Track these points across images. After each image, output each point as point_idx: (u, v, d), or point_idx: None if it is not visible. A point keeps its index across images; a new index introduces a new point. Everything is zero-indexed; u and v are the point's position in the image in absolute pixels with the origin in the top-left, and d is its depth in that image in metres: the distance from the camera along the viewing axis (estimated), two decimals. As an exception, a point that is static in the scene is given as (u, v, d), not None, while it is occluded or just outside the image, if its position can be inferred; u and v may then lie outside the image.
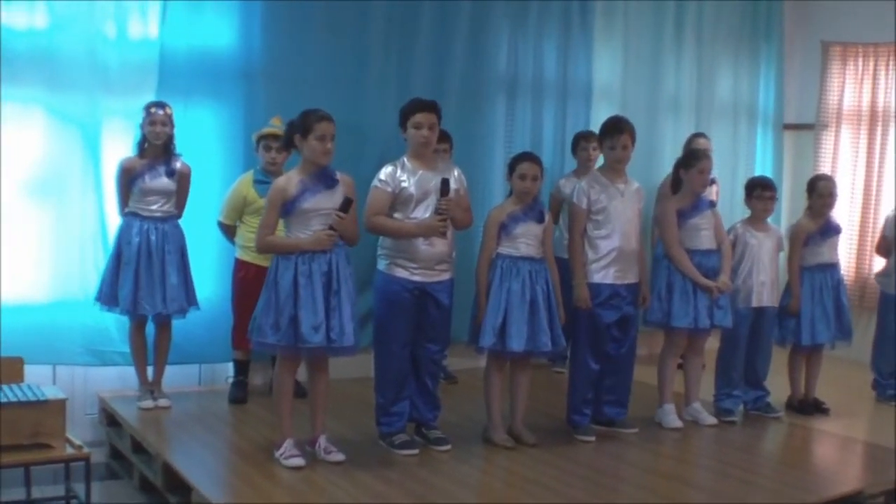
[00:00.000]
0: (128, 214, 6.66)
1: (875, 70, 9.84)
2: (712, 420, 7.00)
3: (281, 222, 5.72)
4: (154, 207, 6.64)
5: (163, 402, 6.82)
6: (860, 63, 9.97)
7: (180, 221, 6.82)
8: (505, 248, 6.19)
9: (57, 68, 6.74)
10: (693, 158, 6.95)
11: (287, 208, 5.60)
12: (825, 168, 9.93)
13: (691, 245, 6.85)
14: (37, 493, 6.00)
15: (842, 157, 10.07)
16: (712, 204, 7.07)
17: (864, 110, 9.94)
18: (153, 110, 6.58)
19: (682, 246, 6.83)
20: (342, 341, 5.59)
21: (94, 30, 6.85)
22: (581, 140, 8.16)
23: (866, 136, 9.89)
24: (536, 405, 6.99)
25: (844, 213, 9.76)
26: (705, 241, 6.89)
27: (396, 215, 5.95)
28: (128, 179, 6.62)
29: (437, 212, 5.87)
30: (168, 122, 6.62)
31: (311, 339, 5.51)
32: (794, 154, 10.52)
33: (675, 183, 7.00)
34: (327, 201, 5.61)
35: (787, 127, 10.47)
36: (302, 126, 5.62)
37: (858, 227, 9.85)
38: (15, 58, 6.58)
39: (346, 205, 5.61)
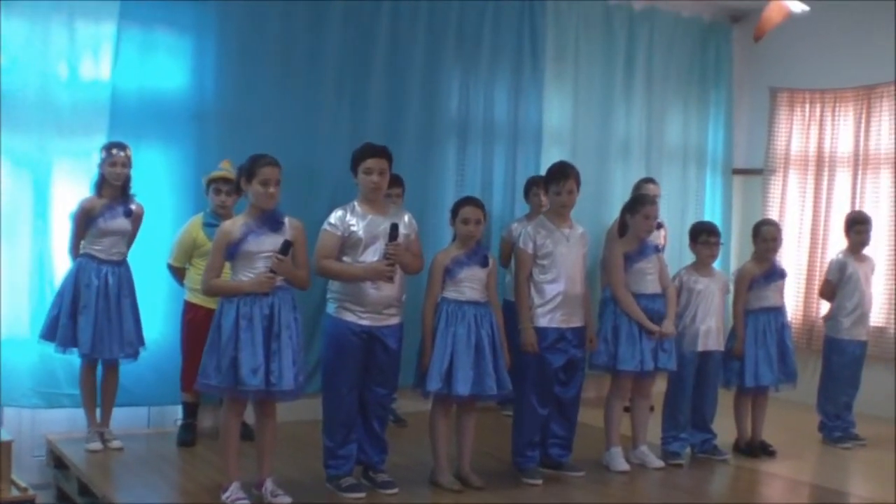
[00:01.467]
0: (83, 256, 6.65)
1: (822, 115, 9.99)
2: (659, 463, 7.04)
3: (228, 265, 5.74)
4: (110, 248, 6.64)
5: (115, 443, 6.80)
6: (807, 109, 10.13)
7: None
8: (450, 293, 6.22)
9: (8, 108, 6.73)
10: (638, 203, 7.04)
11: (231, 251, 5.62)
12: (773, 212, 10.06)
13: (637, 289, 6.91)
14: (-19, 535, 5.97)
15: (789, 202, 10.21)
16: (657, 248, 7.14)
17: (811, 155, 10.09)
18: (114, 151, 6.60)
19: (629, 289, 6.90)
20: (281, 385, 5.59)
21: (47, 70, 6.88)
22: (533, 185, 8.20)
23: (813, 180, 10.03)
24: (484, 448, 7.01)
25: (792, 256, 9.90)
26: (650, 285, 6.96)
27: (345, 258, 5.97)
28: (86, 220, 6.62)
29: (384, 256, 5.90)
30: (128, 163, 6.65)
31: (249, 381, 5.51)
32: (743, 198, 10.66)
33: (622, 227, 7.09)
34: (272, 244, 5.63)
35: (736, 171, 10.60)
36: (247, 170, 5.67)
37: (806, 270, 9.97)
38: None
39: (285, 247, 5.63)
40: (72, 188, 6.85)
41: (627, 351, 6.83)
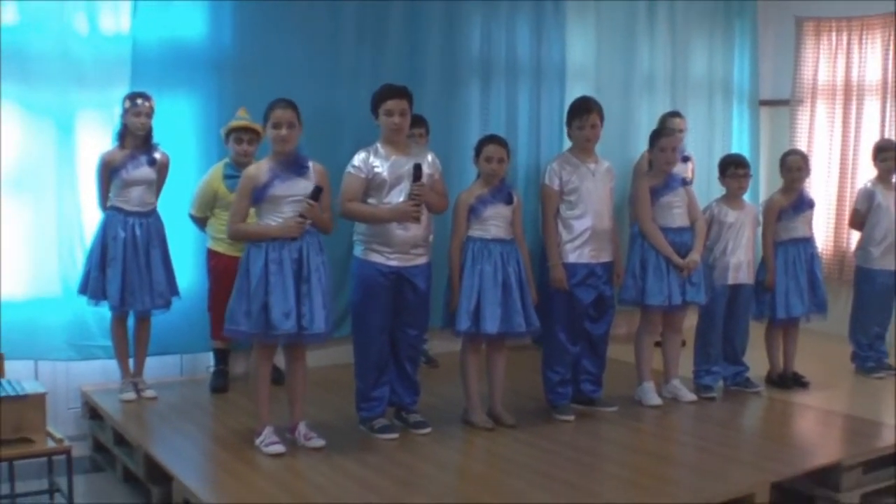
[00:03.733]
0: (110, 209, 6.67)
1: (849, 44, 9.87)
2: (692, 396, 7.04)
3: (252, 211, 5.75)
4: (136, 199, 6.65)
5: (148, 393, 6.86)
6: (834, 38, 10.01)
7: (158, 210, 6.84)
8: (475, 231, 6.21)
9: (29, 64, 6.71)
10: (656, 137, 7.02)
11: (257, 195, 5.63)
12: (801, 143, 9.98)
13: (664, 223, 6.89)
14: (21, 487, 6.00)
15: (817, 132, 10.11)
16: (685, 181, 7.09)
17: (838, 85, 9.97)
18: (139, 101, 6.59)
19: (656, 223, 6.87)
20: (312, 328, 5.62)
21: (65, 26, 6.83)
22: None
23: (841, 110, 9.92)
24: (517, 386, 7.05)
25: (821, 187, 9.85)
26: (678, 218, 6.93)
27: (371, 201, 5.97)
28: (108, 172, 6.63)
29: (410, 197, 5.89)
30: (151, 113, 6.64)
31: (281, 325, 5.54)
32: (771, 130, 10.57)
33: (651, 161, 7.05)
34: (298, 188, 5.64)
35: (763, 103, 10.51)
36: (264, 115, 5.70)
37: (835, 201, 9.90)
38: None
39: (316, 193, 5.64)
40: (97, 140, 6.82)
41: (655, 285, 6.82)
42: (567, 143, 8.11)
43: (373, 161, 5.95)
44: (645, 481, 5.46)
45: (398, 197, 5.94)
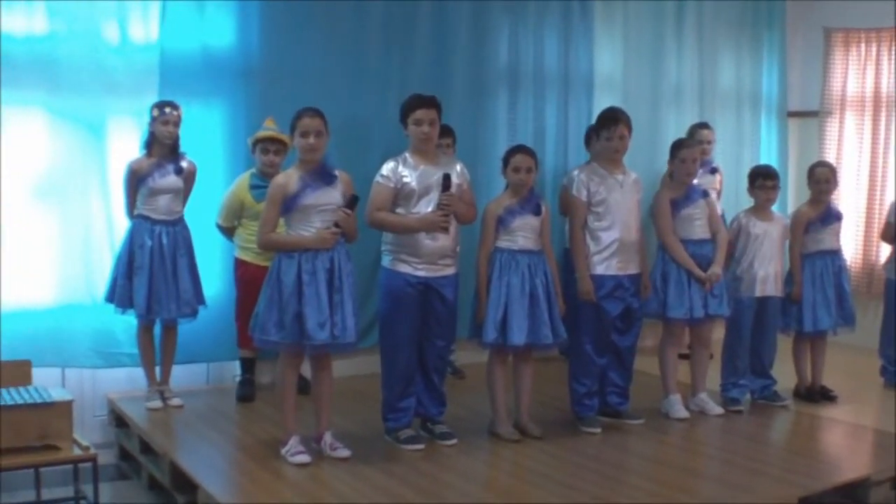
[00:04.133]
0: (137, 217, 6.70)
1: (878, 55, 9.83)
2: (719, 410, 7.01)
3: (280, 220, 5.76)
4: (163, 207, 6.67)
5: (175, 401, 6.87)
6: (863, 49, 9.96)
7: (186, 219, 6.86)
8: (503, 242, 6.20)
9: (59, 72, 6.74)
10: (676, 148, 6.98)
11: (288, 205, 5.63)
12: (830, 155, 9.93)
13: (685, 235, 6.87)
14: (46, 494, 6.04)
15: (846, 144, 10.06)
16: (705, 193, 7.06)
17: (867, 96, 9.93)
18: (167, 110, 6.62)
19: (677, 235, 6.85)
20: (345, 337, 5.63)
21: (94, 34, 6.86)
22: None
23: (871, 122, 9.88)
24: (543, 398, 7.03)
25: (850, 199, 9.81)
26: (699, 230, 6.91)
27: (399, 210, 5.97)
28: (136, 180, 6.66)
29: (438, 207, 5.89)
30: (179, 122, 6.68)
31: (316, 336, 5.54)
32: (799, 141, 10.53)
33: (671, 172, 7.04)
34: (327, 197, 5.65)
35: (792, 114, 10.47)
36: (292, 124, 5.71)
37: (865, 213, 9.85)
38: (15, 63, 6.57)
39: (352, 202, 5.67)
40: (127, 148, 6.85)
41: (676, 298, 6.80)
42: (575, 155, 8.23)
43: (402, 171, 5.95)
44: (671, 494, 5.44)
45: (426, 207, 5.94)
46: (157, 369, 6.92)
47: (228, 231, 7.13)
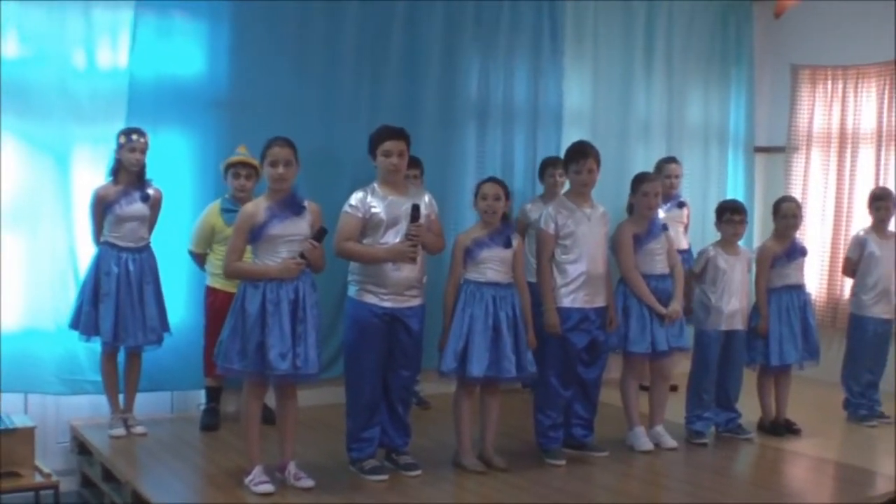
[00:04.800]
0: (104, 244, 6.67)
1: (844, 92, 9.90)
2: (673, 443, 7.01)
3: (248, 248, 5.74)
4: (130, 235, 6.64)
5: (139, 429, 6.83)
6: (829, 86, 10.03)
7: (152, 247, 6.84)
8: (471, 274, 6.20)
9: (27, 98, 6.74)
10: (637, 182, 7.00)
11: (255, 234, 5.63)
12: (796, 190, 9.99)
13: (646, 270, 6.89)
14: (7, 521, 6.01)
15: (812, 179, 10.13)
16: (665, 227, 7.09)
17: (833, 133, 9.99)
18: (134, 137, 6.60)
19: (638, 271, 6.88)
20: (307, 368, 5.62)
21: (64, 60, 6.86)
22: (548, 167, 8.20)
23: (836, 158, 9.94)
24: (508, 429, 7.02)
25: (816, 234, 9.87)
26: (659, 265, 6.94)
27: (366, 241, 5.97)
28: (103, 207, 6.64)
29: (406, 237, 5.89)
30: (145, 149, 6.66)
31: (278, 366, 5.53)
32: (766, 176, 10.60)
33: (630, 206, 7.07)
34: (295, 228, 5.65)
35: (758, 150, 10.54)
36: (261, 153, 5.71)
37: (829, 248, 9.89)
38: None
39: (319, 234, 5.67)
40: (92, 175, 6.84)
41: (638, 333, 6.82)
42: (539, 189, 8.22)
43: (370, 201, 5.96)
44: (635, 528, 5.45)
45: (394, 237, 5.94)
46: (121, 397, 6.87)
47: (200, 258, 7.12)
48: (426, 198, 6.19)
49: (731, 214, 7.22)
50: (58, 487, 5.54)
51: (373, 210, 5.94)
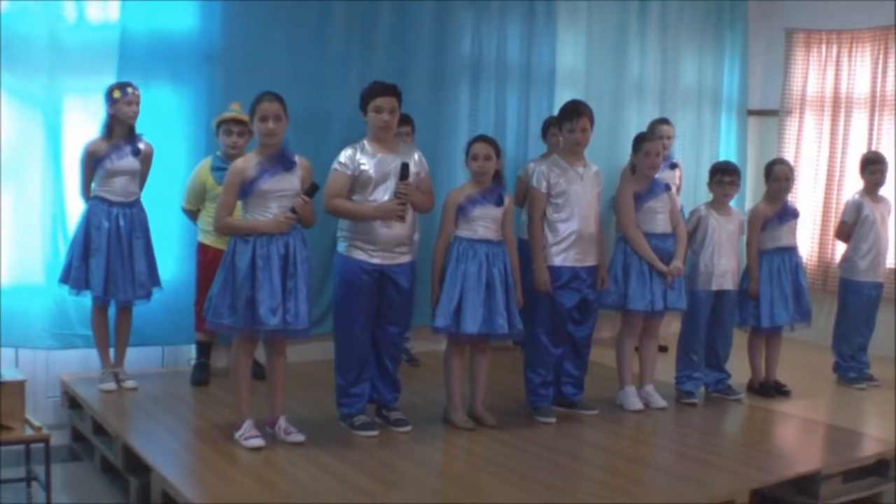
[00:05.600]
0: (94, 199, 6.65)
1: (838, 56, 9.91)
2: (662, 403, 7.05)
3: (239, 204, 5.73)
4: (120, 189, 6.62)
5: (129, 383, 6.85)
6: (824, 50, 10.05)
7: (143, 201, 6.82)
8: (462, 231, 6.20)
9: (16, 51, 6.68)
10: (640, 141, 7.01)
11: (245, 189, 5.62)
12: (789, 153, 10.01)
13: (647, 228, 6.90)
14: (-2, 474, 6.03)
15: (805, 143, 10.16)
16: (668, 187, 7.09)
17: (827, 97, 10.01)
18: (130, 90, 6.57)
19: (639, 228, 6.88)
20: (297, 324, 5.62)
21: (53, 13, 6.80)
22: (550, 126, 8.18)
23: (829, 121, 9.97)
24: (499, 387, 7.05)
25: (808, 198, 9.90)
26: (661, 224, 6.94)
27: (355, 198, 5.96)
28: (93, 162, 6.61)
29: (395, 195, 5.89)
30: (139, 102, 6.62)
31: (268, 321, 5.53)
32: (759, 140, 10.61)
33: (633, 165, 7.06)
34: (285, 183, 5.64)
35: (752, 113, 10.54)
36: (250, 108, 5.70)
37: (822, 212, 9.94)
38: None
39: (311, 190, 5.65)
40: (83, 130, 6.80)
41: (638, 290, 6.83)
42: (540, 149, 8.23)
43: (359, 158, 5.94)
44: (623, 485, 5.46)
45: (384, 195, 5.94)
46: (112, 351, 6.88)
47: (193, 214, 7.12)
48: (416, 156, 6.17)
49: (721, 175, 7.22)
50: (48, 441, 5.52)
51: (362, 167, 5.93)
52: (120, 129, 6.62)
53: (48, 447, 5.52)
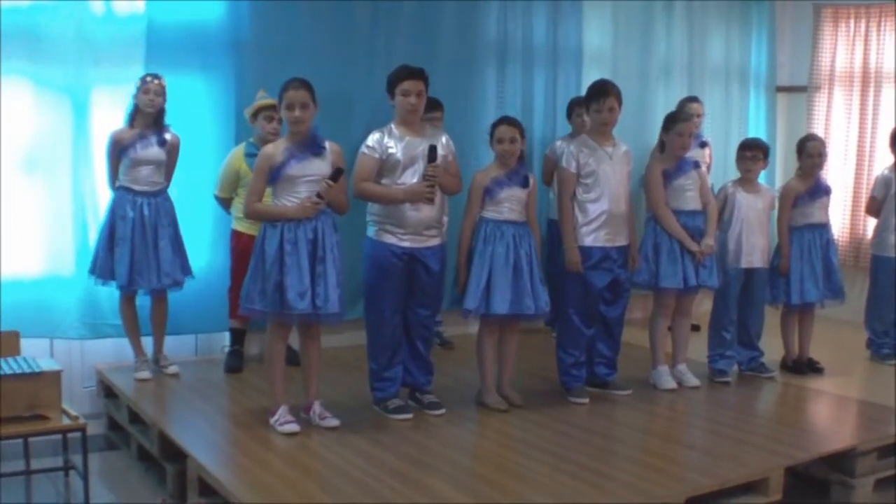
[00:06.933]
0: (119, 189, 6.68)
1: (867, 31, 9.84)
2: (696, 382, 7.04)
3: (269, 190, 5.75)
4: (145, 179, 6.65)
5: (172, 369, 6.93)
6: (852, 25, 9.97)
7: (170, 192, 6.84)
8: (489, 213, 6.20)
9: (43, 44, 6.72)
10: (672, 121, 6.96)
11: (273, 175, 5.63)
12: (818, 129, 9.94)
13: (677, 206, 6.88)
14: (36, 464, 6.08)
15: (835, 119, 10.10)
16: (697, 164, 7.06)
17: (856, 71, 9.95)
18: (147, 79, 6.59)
19: (669, 206, 6.87)
20: (327, 308, 5.62)
21: (80, 7, 6.82)
22: (576, 106, 8.17)
23: (859, 97, 9.90)
24: (531, 368, 7.09)
25: (838, 174, 9.82)
26: (690, 201, 6.91)
27: (384, 181, 5.97)
28: (118, 150, 6.64)
29: (424, 178, 5.90)
30: (161, 92, 6.63)
31: (296, 305, 5.54)
32: (788, 116, 10.55)
33: (661, 144, 7.04)
34: (313, 168, 5.64)
35: (780, 89, 10.49)
36: (278, 96, 5.71)
37: (852, 188, 9.90)
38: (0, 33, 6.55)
39: (336, 174, 5.65)
40: (111, 119, 6.83)
41: (669, 268, 6.81)
42: (564, 129, 8.23)
43: (387, 142, 5.95)
44: (658, 463, 5.45)
45: (411, 178, 5.94)
46: (148, 340, 6.94)
47: (226, 202, 7.14)
48: (443, 139, 6.17)
49: (744, 151, 7.21)
50: (85, 430, 5.55)
51: (389, 151, 5.94)
52: (142, 118, 6.64)
53: (85, 436, 5.55)
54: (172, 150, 6.80)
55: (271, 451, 5.48)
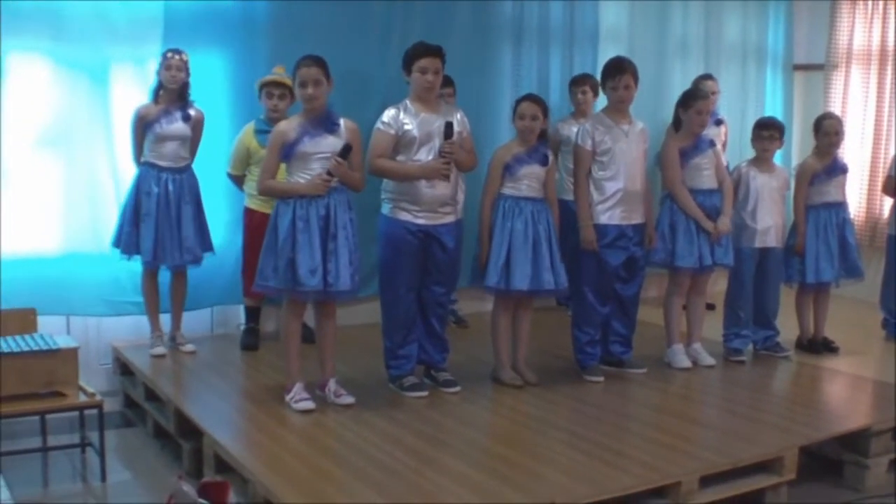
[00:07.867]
0: (144, 164, 6.70)
1: (885, 9, 9.77)
2: (711, 360, 7.03)
3: (284, 167, 5.76)
4: (170, 155, 6.68)
5: (188, 347, 6.96)
6: (870, 2, 9.90)
7: (193, 168, 6.87)
8: (507, 189, 6.20)
9: (62, 22, 6.72)
10: (691, 98, 6.92)
11: (286, 151, 5.64)
12: (835, 108, 9.89)
13: (693, 185, 6.86)
14: (52, 441, 6.13)
15: (852, 98, 10.03)
16: (713, 143, 7.04)
17: (873, 50, 9.88)
18: (169, 55, 6.61)
19: (685, 185, 6.85)
20: (338, 285, 5.62)
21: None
22: (572, 86, 8.25)
23: (876, 76, 9.84)
24: (546, 346, 7.10)
25: (855, 153, 9.77)
26: (707, 180, 6.89)
27: (399, 158, 5.97)
28: (143, 126, 6.67)
29: (440, 154, 5.89)
30: (183, 67, 6.66)
31: (307, 282, 5.55)
32: (805, 95, 10.49)
33: (677, 122, 7.01)
34: (326, 145, 5.64)
35: (797, 67, 10.42)
36: (292, 73, 5.70)
37: (869, 167, 9.83)
38: (19, 11, 6.52)
39: (345, 150, 5.63)
40: (131, 95, 6.86)
41: (685, 247, 6.80)
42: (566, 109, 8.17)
43: (403, 118, 5.95)
44: (672, 442, 5.45)
45: (427, 155, 5.94)
46: (165, 316, 6.97)
47: (238, 179, 7.16)
48: (458, 115, 6.17)
49: (760, 130, 7.17)
50: (102, 407, 5.59)
51: (405, 127, 5.93)
52: (165, 93, 6.66)
53: (101, 413, 5.59)
54: (197, 126, 6.82)
55: (287, 428, 5.50)
